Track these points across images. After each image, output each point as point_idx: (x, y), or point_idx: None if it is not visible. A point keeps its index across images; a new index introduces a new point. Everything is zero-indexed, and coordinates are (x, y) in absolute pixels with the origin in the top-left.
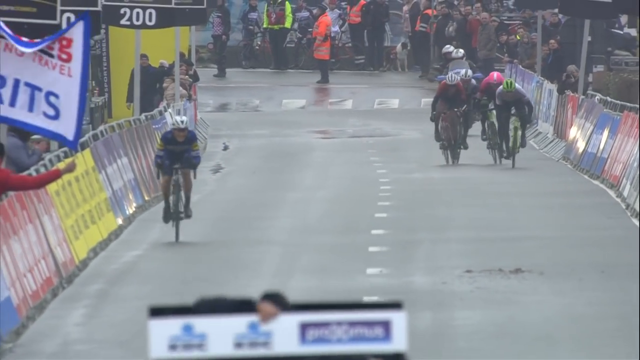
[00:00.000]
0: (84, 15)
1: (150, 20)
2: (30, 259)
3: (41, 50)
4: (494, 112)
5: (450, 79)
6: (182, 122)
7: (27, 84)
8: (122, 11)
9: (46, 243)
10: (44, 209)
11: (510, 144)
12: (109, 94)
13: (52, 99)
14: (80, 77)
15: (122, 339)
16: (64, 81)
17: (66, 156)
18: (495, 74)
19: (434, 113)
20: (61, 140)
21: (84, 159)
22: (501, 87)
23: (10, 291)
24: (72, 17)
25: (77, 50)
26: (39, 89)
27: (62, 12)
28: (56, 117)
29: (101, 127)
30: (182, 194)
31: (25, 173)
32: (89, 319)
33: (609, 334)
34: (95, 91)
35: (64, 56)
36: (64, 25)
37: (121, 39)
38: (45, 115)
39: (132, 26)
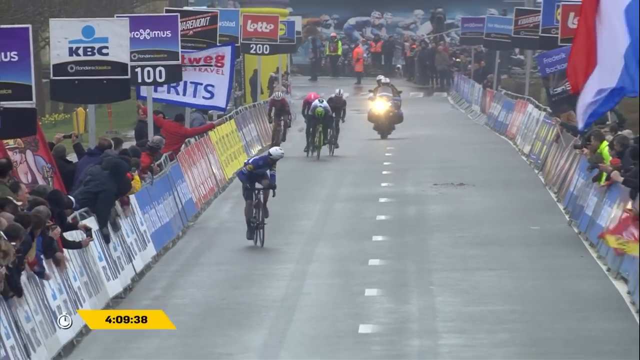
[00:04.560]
0: (231, 43)
1: (266, 50)
2: (202, 177)
3: (203, 65)
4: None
5: (276, 96)
6: (280, 153)
7: (192, 82)
8: (251, 45)
9: (211, 168)
10: (210, 151)
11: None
12: (244, 90)
13: (209, 87)
14: (229, 75)
15: None
16: (219, 77)
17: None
18: (312, 94)
19: (271, 116)
20: (214, 109)
21: (230, 125)
22: (315, 103)
23: (192, 194)
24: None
25: (227, 61)
26: (200, 84)
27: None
28: (210, 97)
29: (240, 107)
30: (261, 209)
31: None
32: (233, 209)
33: (508, 217)
34: (236, 88)
35: (219, 64)
36: (219, 50)
37: (250, 60)
38: (204, 97)
39: (256, 54)
